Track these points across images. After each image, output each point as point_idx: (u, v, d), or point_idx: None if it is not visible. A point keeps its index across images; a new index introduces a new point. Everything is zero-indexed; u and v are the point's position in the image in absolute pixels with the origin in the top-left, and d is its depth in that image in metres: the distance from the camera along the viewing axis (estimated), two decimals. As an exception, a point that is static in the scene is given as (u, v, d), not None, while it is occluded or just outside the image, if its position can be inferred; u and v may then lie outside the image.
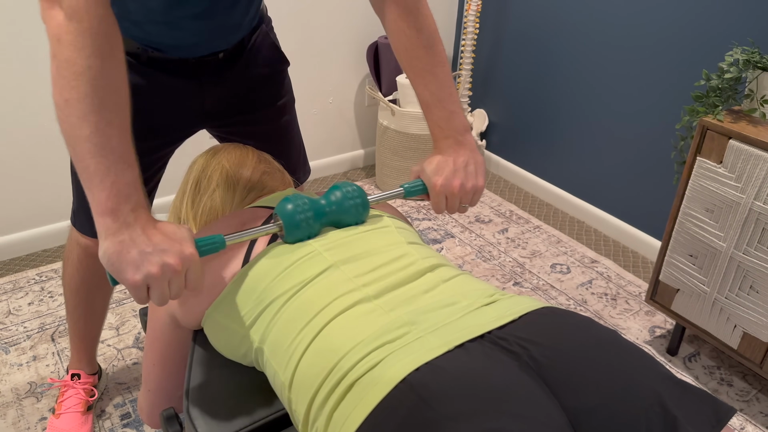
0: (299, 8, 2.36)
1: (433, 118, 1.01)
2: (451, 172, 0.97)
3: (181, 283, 0.77)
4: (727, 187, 1.50)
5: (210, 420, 0.87)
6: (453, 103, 1.01)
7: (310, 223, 0.88)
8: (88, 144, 0.75)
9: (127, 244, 0.74)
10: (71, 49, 0.74)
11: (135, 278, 0.74)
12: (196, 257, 0.77)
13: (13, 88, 1.93)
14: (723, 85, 1.54)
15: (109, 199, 0.75)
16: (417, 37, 1.00)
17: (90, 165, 0.75)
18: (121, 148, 0.76)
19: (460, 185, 0.97)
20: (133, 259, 0.74)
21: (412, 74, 1.01)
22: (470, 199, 0.99)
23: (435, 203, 0.99)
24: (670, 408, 0.67)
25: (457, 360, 0.69)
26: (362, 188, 0.92)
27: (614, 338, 0.75)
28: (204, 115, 1.25)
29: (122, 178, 0.75)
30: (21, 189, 2.07)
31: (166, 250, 0.75)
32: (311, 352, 0.76)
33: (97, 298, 1.43)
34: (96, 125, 0.75)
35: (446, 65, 1.02)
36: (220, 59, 1.18)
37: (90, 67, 0.74)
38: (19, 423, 1.54)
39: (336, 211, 0.91)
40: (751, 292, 1.51)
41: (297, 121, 1.41)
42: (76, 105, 0.74)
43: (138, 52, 1.11)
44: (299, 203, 0.88)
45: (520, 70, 2.59)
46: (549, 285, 2.11)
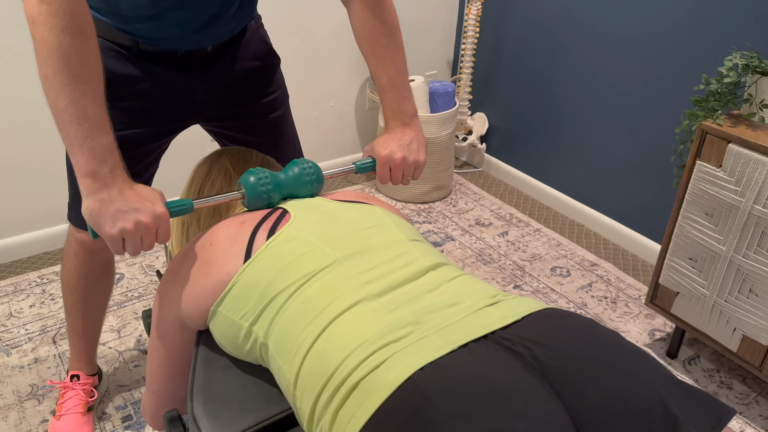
0: (300, 12, 2.37)
1: (387, 101, 1.12)
2: (396, 146, 1.09)
3: (152, 238, 0.88)
4: (727, 190, 1.50)
5: (214, 421, 0.87)
6: (405, 89, 1.12)
7: (270, 194, 0.99)
8: (66, 114, 0.84)
9: (106, 201, 0.85)
10: (44, 29, 0.83)
11: (112, 232, 0.85)
12: (166, 216, 0.88)
13: (13, 91, 1.93)
14: (722, 89, 1.55)
15: (88, 162, 0.85)
16: (381, 27, 1.11)
17: (69, 132, 0.85)
18: (96, 116, 0.85)
19: (402, 158, 1.09)
20: (111, 215, 0.85)
21: (373, 60, 1.12)
22: (412, 172, 1.11)
23: (380, 173, 1.10)
24: (671, 408, 0.67)
25: (461, 360, 0.69)
26: (317, 164, 1.05)
27: (616, 339, 0.75)
28: (195, 108, 1.28)
29: (98, 143, 0.85)
30: (22, 191, 2.07)
31: (140, 209, 0.85)
32: (315, 351, 0.76)
33: (95, 295, 1.44)
34: (71, 97, 0.84)
35: (403, 54, 1.13)
36: (208, 52, 1.22)
37: (61, 44, 0.83)
38: (20, 425, 1.54)
39: (293, 184, 1.01)
40: (751, 296, 1.52)
41: (291, 116, 1.43)
42: (53, 80, 0.83)
43: (129, 45, 1.16)
44: (261, 175, 0.99)
45: (520, 74, 2.60)
46: (549, 288, 2.11)
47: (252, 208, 0.99)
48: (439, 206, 2.60)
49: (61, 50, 0.83)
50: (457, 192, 2.72)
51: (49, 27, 0.82)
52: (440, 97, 2.53)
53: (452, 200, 2.65)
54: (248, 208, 1.00)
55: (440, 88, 2.53)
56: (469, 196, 2.69)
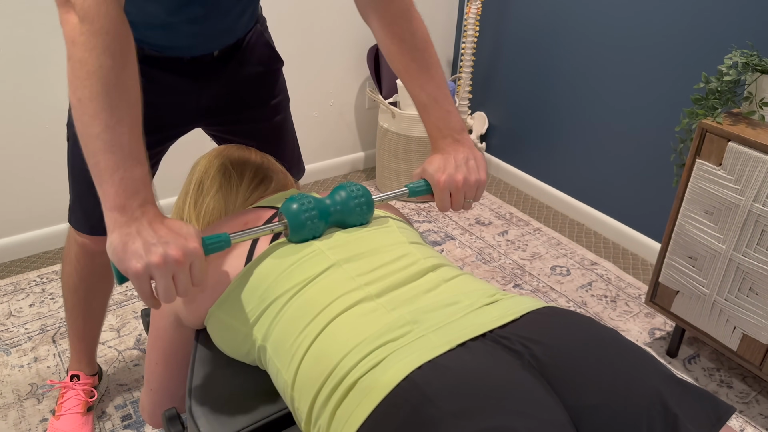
0: (300, 11, 2.37)
1: (430, 119, 1.02)
2: (453, 168, 0.98)
3: (187, 277, 0.77)
4: (727, 189, 1.50)
5: (212, 419, 0.87)
6: (449, 104, 1.02)
7: (314, 223, 0.88)
8: (99, 141, 0.77)
9: (133, 235, 0.75)
10: (83, 49, 0.77)
11: (137, 266, 0.74)
12: (199, 251, 0.78)
13: (14, 91, 1.93)
14: (722, 87, 1.54)
15: (117, 195, 0.76)
16: (411, 41, 1.02)
17: (100, 161, 0.77)
18: (131, 145, 0.78)
19: (464, 180, 0.98)
20: (137, 249, 0.75)
21: (408, 77, 1.03)
22: (474, 194, 1.00)
23: (439, 200, 0.99)
24: (670, 406, 0.67)
25: (459, 358, 0.69)
26: (367, 189, 0.93)
27: (615, 337, 0.75)
28: (199, 113, 1.27)
29: (131, 174, 0.77)
30: (22, 191, 2.07)
31: (170, 243, 0.76)
32: (314, 351, 0.76)
33: (95, 297, 1.44)
34: (106, 123, 0.77)
35: (440, 66, 1.04)
36: (214, 57, 1.21)
37: (101, 67, 0.77)
38: (20, 424, 1.54)
39: (341, 211, 0.91)
40: (751, 294, 1.52)
41: (291, 120, 1.42)
42: (88, 104, 0.77)
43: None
44: (304, 202, 0.88)
45: (520, 73, 2.60)
46: (549, 287, 2.11)
47: (295, 241, 0.89)
48: (439, 205, 2.60)
49: (101, 72, 0.77)
50: (457, 191, 2.72)
51: (90, 47, 0.77)
52: (440, 96, 2.52)
53: (452, 199, 2.65)
54: (291, 241, 0.89)
55: (440, 87, 2.52)
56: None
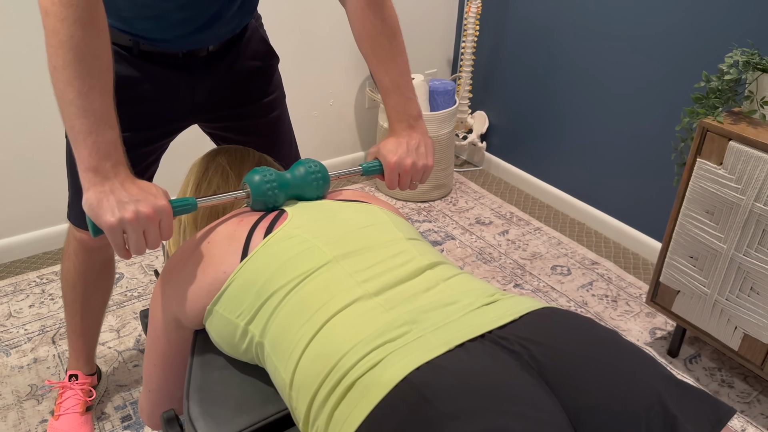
0: (300, 11, 2.37)
1: (391, 102, 1.09)
2: (404, 152, 1.06)
3: (156, 232, 0.84)
4: (728, 188, 1.50)
5: (210, 421, 0.86)
6: (409, 91, 1.09)
7: (275, 193, 0.96)
8: (73, 107, 0.83)
9: (107, 193, 0.83)
10: (56, 19, 0.82)
11: (111, 221, 0.81)
12: (168, 209, 0.85)
13: (13, 91, 1.93)
14: (723, 86, 1.54)
15: (91, 156, 0.83)
16: (382, 27, 1.08)
17: (75, 125, 0.83)
18: (102, 110, 0.84)
19: (412, 164, 1.06)
20: (111, 206, 0.82)
21: (375, 61, 1.09)
22: (420, 177, 1.08)
23: (389, 180, 1.07)
24: (670, 408, 0.67)
25: (458, 359, 0.69)
26: (323, 164, 1.01)
27: (614, 338, 0.75)
28: (195, 108, 1.27)
29: (102, 137, 0.84)
30: (21, 191, 2.07)
31: (141, 200, 0.83)
32: (311, 351, 0.76)
33: (94, 294, 1.44)
34: (79, 89, 0.82)
35: (405, 55, 1.11)
36: (209, 52, 1.21)
37: (72, 36, 0.82)
38: (19, 425, 1.54)
39: (299, 185, 0.99)
40: (752, 294, 1.51)
41: (288, 117, 1.42)
42: (62, 71, 0.82)
43: (130, 45, 1.15)
44: (266, 174, 0.96)
45: (521, 72, 2.59)
46: (549, 287, 2.11)
47: (256, 208, 0.97)
48: (439, 205, 2.60)
49: (72, 42, 0.82)
50: (458, 191, 2.71)
51: (62, 18, 0.81)
52: (440, 95, 2.52)
53: (452, 199, 2.65)
54: (252, 208, 0.97)
55: (440, 86, 2.52)
56: (469, 194, 2.69)
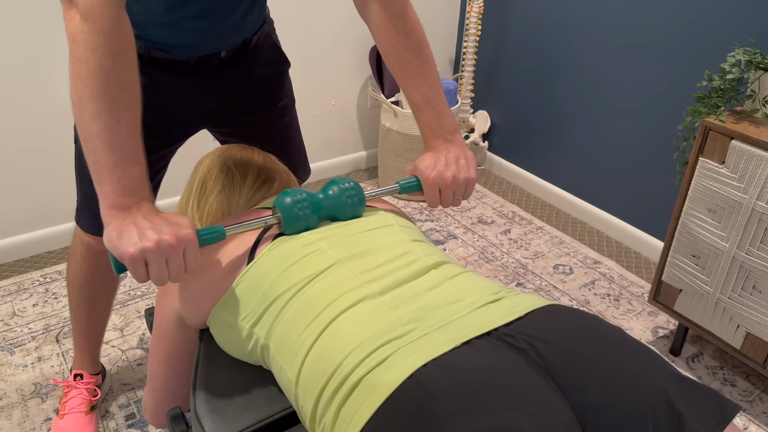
0: (303, 10, 2.37)
1: (423, 119, 1.04)
2: (443, 165, 1.00)
3: (180, 262, 0.79)
4: (730, 187, 1.50)
5: (217, 418, 0.87)
6: (442, 105, 1.04)
7: (307, 216, 0.91)
8: (99, 140, 0.79)
9: (128, 225, 0.78)
10: (84, 48, 0.78)
11: (131, 251, 0.76)
12: (192, 237, 0.80)
13: (18, 91, 1.93)
14: (725, 85, 1.54)
15: (115, 193, 0.79)
16: (406, 41, 1.03)
17: (100, 160, 0.79)
18: (129, 144, 0.80)
19: (453, 177, 1.00)
20: (132, 236, 0.77)
21: (402, 77, 1.05)
22: (463, 191, 1.02)
23: (429, 196, 1.01)
24: (676, 404, 0.67)
25: (464, 356, 0.69)
26: (359, 183, 0.94)
27: (620, 336, 0.75)
28: (205, 115, 1.26)
29: (128, 174, 0.80)
30: (25, 191, 2.07)
31: (164, 230, 0.78)
32: (317, 349, 0.76)
33: (100, 297, 1.44)
34: (106, 123, 0.78)
35: (434, 67, 1.06)
36: (221, 59, 1.20)
37: (102, 67, 0.78)
38: (24, 424, 1.54)
39: (333, 206, 0.94)
40: (754, 292, 1.52)
41: (297, 122, 1.42)
42: (89, 102, 0.78)
43: (141, 52, 1.13)
44: (297, 197, 0.91)
45: (523, 72, 2.59)
46: (552, 286, 2.11)
47: (288, 233, 0.91)
48: (442, 204, 2.60)
49: (102, 73, 0.78)
50: (460, 190, 2.71)
51: (92, 47, 0.78)
52: (442, 95, 2.52)
53: (454, 198, 2.65)
54: (284, 233, 0.91)
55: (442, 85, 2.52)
56: (471, 194, 2.69)
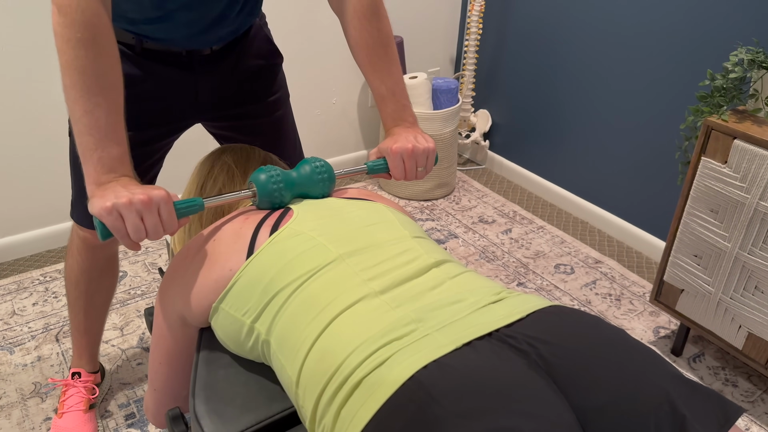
0: (303, 8, 2.37)
1: (387, 110, 1.12)
2: (404, 139, 1.07)
3: (155, 219, 0.84)
4: (732, 187, 1.49)
5: (216, 419, 0.87)
6: (405, 98, 1.13)
7: (281, 192, 0.96)
8: (80, 124, 0.86)
9: (107, 191, 0.84)
10: (61, 40, 0.85)
11: (106, 205, 0.82)
12: (164, 195, 0.85)
13: (16, 90, 1.93)
14: (727, 84, 1.53)
15: (96, 171, 0.86)
16: (378, 36, 1.11)
17: (83, 141, 0.86)
18: (108, 127, 0.86)
19: (413, 147, 1.06)
20: (108, 197, 0.83)
21: (370, 69, 1.12)
22: (425, 162, 1.08)
23: (394, 167, 1.07)
24: (678, 407, 0.67)
25: (465, 358, 0.69)
26: (329, 163, 1.01)
27: (622, 337, 0.75)
28: (197, 108, 1.27)
29: (108, 153, 0.86)
30: (25, 190, 2.07)
31: (136, 191, 0.84)
32: (318, 349, 0.76)
33: (97, 291, 1.44)
34: (84, 108, 0.85)
35: (399, 63, 1.14)
36: (213, 51, 1.21)
37: (77, 57, 0.84)
38: (23, 423, 1.54)
39: (304, 183, 0.99)
40: (756, 293, 1.51)
41: (292, 116, 1.42)
42: (70, 90, 0.85)
43: (133, 43, 1.15)
44: (272, 173, 0.96)
45: (524, 71, 2.59)
46: (553, 285, 2.11)
47: (262, 207, 0.97)
48: (442, 204, 2.60)
49: (77, 62, 0.84)
50: (460, 189, 2.71)
51: (66, 39, 0.84)
52: (443, 93, 2.52)
53: (455, 197, 2.64)
54: (258, 207, 0.97)
55: (443, 84, 2.52)
56: (472, 193, 2.69)
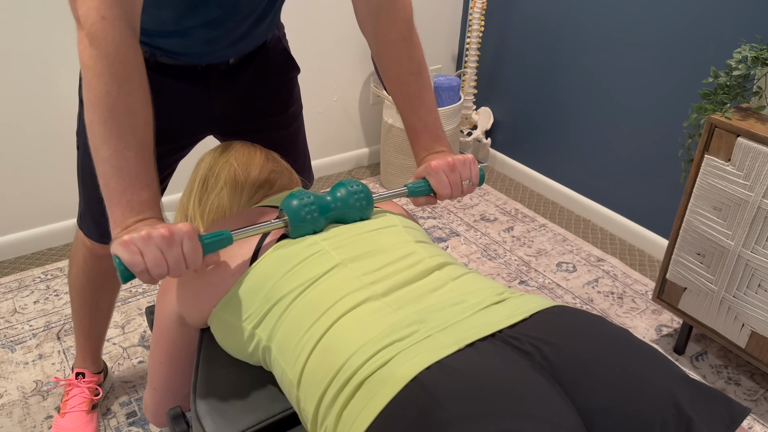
0: (304, 6, 2.36)
1: (420, 142, 1.06)
2: (443, 156, 1.02)
3: (178, 255, 0.78)
4: (735, 185, 1.49)
5: (218, 418, 0.86)
6: (438, 128, 1.07)
7: (315, 219, 0.89)
8: (108, 165, 0.79)
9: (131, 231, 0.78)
10: (91, 74, 0.79)
11: (124, 239, 0.76)
12: (189, 230, 0.79)
13: (17, 87, 1.92)
14: (731, 82, 1.53)
15: (124, 215, 0.79)
16: (409, 64, 1.06)
17: (110, 183, 0.80)
18: (138, 169, 0.80)
19: (453, 160, 1.01)
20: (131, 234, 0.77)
21: (401, 99, 1.07)
22: (469, 173, 1.03)
23: (437, 183, 1.00)
24: (684, 408, 0.66)
25: (468, 359, 0.68)
26: (367, 186, 0.95)
27: (627, 338, 0.74)
28: (212, 121, 1.25)
29: (138, 198, 0.80)
30: (26, 187, 2.07)
31: (158, 226, 0.78)
32: (319, 351, 0.75)
33: (102, 298, 1.44)
34: (114, 148, 0.79)
35: (432, 91, 1.09)
36: (230, 65, 1.19)
37: (108, 93, 0.79)
38: (25, 421, 1.54)
39: (341, 208, 0.92)
40: (759, 291, 1.50)
41: (304, 129, 1.41)
42: (98, 128, 0.80)
43: (146, 57, 1.12)
44: (304, 199, 0.89)
45: (526, 68, 2.58)
46: (555, 284, 2.10)
47: (295, 237, 0.89)
48: (444, 202, 2.59)
49: (108, 99, 0.79)
50: (462, 187, 2.70)
51: (97, 73, 0.79)
52: (445, 91, 2.51)
53: (457, 195, 2.64)
54: (291, 237, 0.89)
55: (445, 82, 2.51)
56: (473, 191, 2.68)
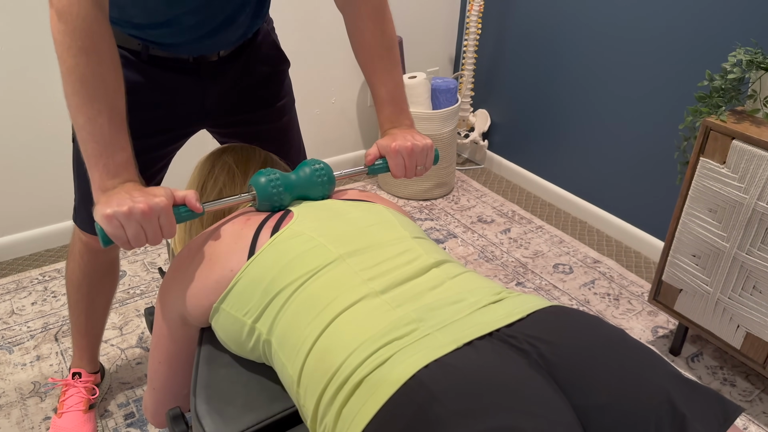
0: (302, 8, 2.37)
1: (385, 113, 1.12)
2: (402, 138, 1.07)
3: (155, 227, 0.85)
4: (730, 187, 1.50)
5: (217, 418, 0.87)
6: (404, 103, 1.13)
7: (280, 194, 0.97)
8: (84, 131, 0.86)
9: (110, 197, 0.85)
10: (61, 48, 0.85)
11: (106, 212, 0.83)
12: (165, 205, 0.86)
13: (15, 88, 1.93)
14: (726, 85, 1.54)
15: (102, 177, 0.87)
16: (381, 38, 1.10)
17: (87, 149, 0.87)
18: (111, 133, 0.87)
19: (413, 145, 1.06)
20: (110, 204, 0.84)
21: (371, 71, 1.12)
22: (425, 159, 1.08)
23: (394, 165, 1.06)
24: (678, 406, 0.67)
25: (466, 357, 0.69)
26: (329, 165, 1.02)
27: (622, 337, 0.75)
28: (204, 114, 1.26)
29: (113, 160, 0.87)
30: (24, 188, 2.07)
31: (138, 199, 0.84)
32: (319, 348, 0.76)
33: (98, 294, 1.44)
34: (87, 115, 0.85)
35: (400, 67, 1.14)
36: (220, 57, 1.20)
37: (77, 65, 0.84)
38: (23, 422, 1.54)
39: (304, 185, 1.00)
40: (755, 293, 1.52)
41: (297, 122, 1.42)
42: (71, 98, 0.86)
43: (139, 50, 1.14)
44: (271, 176, 0.97)
45: (523, 70, 2.59)
46: (551, 285, 2.11)
47: (262, 210, 0.97)
48: (441, 203, 2.60)
49: (78, 70, 0.84)
50: (459, 189, 2.72)
51: (66, 46, 0.84)
52: (442, 93, 2.52)
53: (454, 197, 2.65)
54: (258, 209, 0.97)
55: (442, 84, 2.52)
56: (471, 193, 2.69)
